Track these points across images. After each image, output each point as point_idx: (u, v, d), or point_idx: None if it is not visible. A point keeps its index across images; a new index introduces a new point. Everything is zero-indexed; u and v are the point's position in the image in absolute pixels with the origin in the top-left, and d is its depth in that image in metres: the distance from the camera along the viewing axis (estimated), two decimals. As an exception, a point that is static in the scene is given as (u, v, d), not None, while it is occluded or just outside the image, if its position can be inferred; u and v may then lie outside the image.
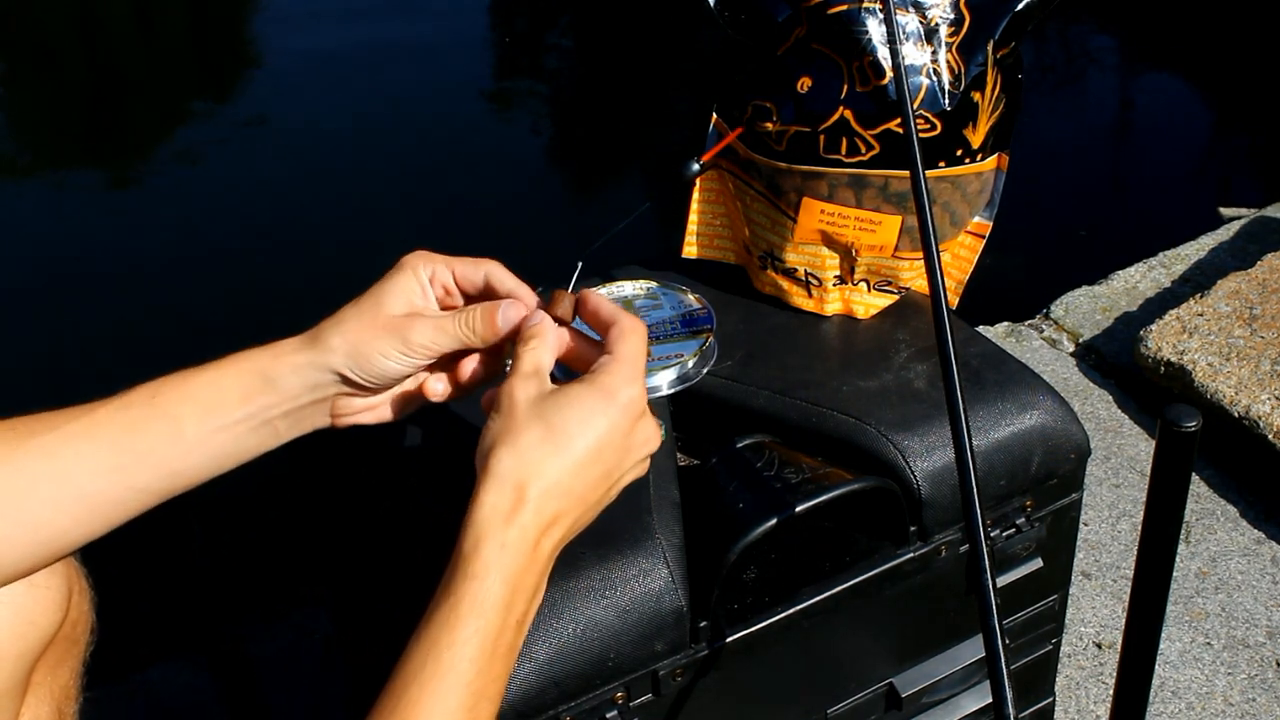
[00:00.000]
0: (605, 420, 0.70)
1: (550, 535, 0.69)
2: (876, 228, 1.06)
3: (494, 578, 0.66)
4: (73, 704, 0.88)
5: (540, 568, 0.69)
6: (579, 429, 0.69)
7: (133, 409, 0.74)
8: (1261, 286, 1.92)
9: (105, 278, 2.84)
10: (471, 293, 0.83)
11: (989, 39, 1.03)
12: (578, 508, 0.70)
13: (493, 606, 0.66)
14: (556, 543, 0.70)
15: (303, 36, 4.18)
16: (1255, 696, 1.43)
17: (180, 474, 0.75)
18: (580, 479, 0.70)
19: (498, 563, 0.67)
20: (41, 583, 0.79)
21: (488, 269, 0.83)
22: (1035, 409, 1.03)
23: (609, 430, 0.70)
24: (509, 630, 0.67)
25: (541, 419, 0.70)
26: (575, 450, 0.69)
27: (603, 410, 0.70)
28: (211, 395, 0.75)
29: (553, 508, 0.69)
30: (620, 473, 0.72)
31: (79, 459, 0.72)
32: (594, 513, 0.72)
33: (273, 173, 3.31)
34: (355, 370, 0.77)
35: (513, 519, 0.68)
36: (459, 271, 0.82)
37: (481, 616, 0.66)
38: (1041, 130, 3.27)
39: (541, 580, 0.70)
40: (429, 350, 0.78)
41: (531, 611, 0.69)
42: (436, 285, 0.82)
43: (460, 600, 0.66)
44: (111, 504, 0.73)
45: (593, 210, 3.22)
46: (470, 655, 0.65)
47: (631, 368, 0.72)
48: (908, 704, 1.07)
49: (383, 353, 0.76)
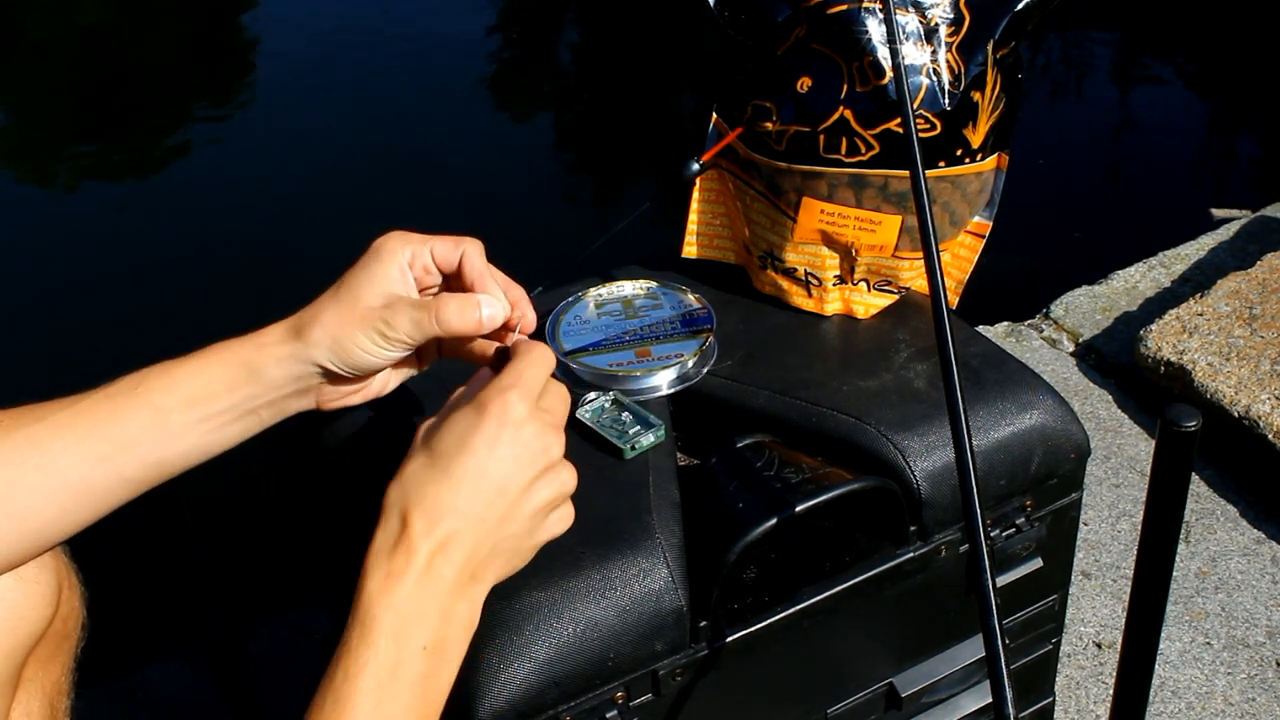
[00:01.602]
0: (478, 435, 0.70)
1: (447, 556, 0.68)
2: (876, 228, 1.06)
3: (381, 606, 0.66)
4: (65, 700, 0.88)
5: (441, 592, 0.68)
6: (455, 447, 0.69)
7: (117, 399, 0.74)
8: (1261, 286, 1.92)
9: (104, 277, 2.85)
10: (448, 273, 0.83)
11: (989, 39, 1.03)
12: (476, 526, 0.69)
13: (379, 637, 0.66)
14: (461, 565, 0.69)
15: (302, 33, 4.18)
16: (1255, 696, 1.43)
17: (165, 463, 0.76)
18: (467, 495, 0.69)
19: (383, 591, 0.67)
20: (30, 577, 0.80)
21: (464, 250, 0.82)
22: (1035, 409, 1.03)
23: (484, 441, 0.69)
24: (412, 659, 0.66)
25: (426, 446, 0.71)
26: (455, 468, 0.69)
27: (474, 424, 0.70)
28: (196, 386, 0.75)
29: (443, 529, 0.68)
30: (517, 484, 0.70)
31: (65, 449, 0.72)
32: (508, 529, 0.71)
33: (271, 170, 3.31)
34: (336, 363, 0.77)
35: (398, 547, 0.68)
36: (437, 251, 0.82)
37: (370, 647, 0.66)
38: (1042, 130, 3.27)
39: (453, 604, 0.69)
40: (406, 343, 0.78)
41: (451, 636, 0.68)
42: (416, 266, 0.82)
43: (350, 633, 0.66)
44: (98, 493, 0.74)
45: (593, 210, 3.22)
46: (369, 686, 0.65)
47: (511, 377, 0.72)
48: (908, 704, 1.07)
49: (362, 346, 0.77)
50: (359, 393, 0.82)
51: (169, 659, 1.52)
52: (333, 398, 0.81)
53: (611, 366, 1.03)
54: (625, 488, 0.94)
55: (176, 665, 1.51)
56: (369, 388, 0.83)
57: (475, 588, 0.70)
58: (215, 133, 3.65)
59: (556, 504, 0.73)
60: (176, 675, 1.50)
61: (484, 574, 0.71)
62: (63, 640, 0.87)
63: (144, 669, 1.51)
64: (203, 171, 3.37)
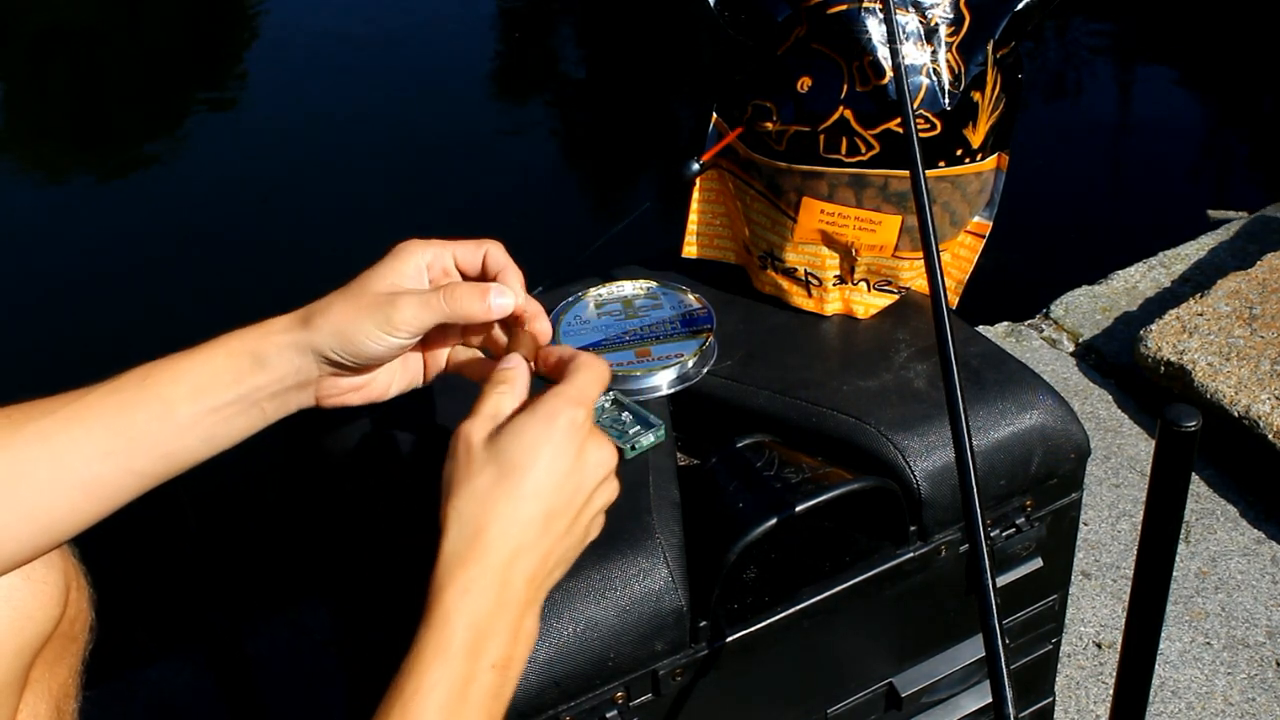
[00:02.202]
0: (550, 447, 0.70)
1: (517, 570, 0.68)
2: (876, 227, 1.06)
3: (456, 623, 0.66)
4: (72, 701, 0.88)
5: (514, 607, 0.68)
6: (527, 459, 0.69)
7: (125, 391, 0.74)
8: (1261, 286, 1.92)
9: (103, 278, 2.85)
10: (473, 275, 0.83)
11: (989, 39, 1.03)
12: (544, 539, 0.70)
13: (457, 653, 0.66)
14: (529, 578, 0.69)
15: (302, 31, 4.18)
16: (1255, 696, 1.43)
17: (173, 456, 0.75)
18: (538, 508, 0.69)
19: (459, 607, 0.67)
20: (39, 577, 0.79)
21: (486, 249, 0.83)
22: (1035, 409, 1.03)
23: (554, 455, 0.70)
24: (483, 675, 0.66)
25: (493, 459, 0.70)
26: (527, 483, 0.69)
27: (546, 436, 0.70)
28: (203, 376, 0.75)
29: (514, 543, 0.68)
30: (582, 496, 0.71)
31: (74, 443, 0.72)
32: (567, 541, 0.71)
33: (272, 170, 3.31)
34: (339, 351, 0.77)
35: (474, 562, 0.68)
36: (460, 254, 0.82)
37: (446, 664, 0.65)
38: (1042, 130, 3.27)
39: (521, 620, 0.69)
40: (411, 328, 0.77)
41: (517, 654, 0.69)
42: (435, 269, 0.82)
43: (424, 648, 0.66)
44: (107, 488, 0.73)
45: (593, 210, 3.22)
46: (438, 703, 0.65)
47: (576, 391, 0.72)
48: (908, 704, 1.07)
49: (365, 333, 0.76)
50: (359, 391, 0.82)
51: (170, 658, 1.52)
52: (333, 393, 0.80)
53: (611, 366, 1.03)
54: (625, 488, 0.94)
55: (177, 665, 1.51)
56: (369, 388, 0.82)
57: (539, 602, 0.71)
58: (214, 134, 3.65)
59: (602, 512, 0.74)
60: (177, 675, 1.50)
61: (547, 586, 0.71)
62: (70, 642, 0.87)
63: (145, 668, 1.51)
64: (202, 170, 3.37)
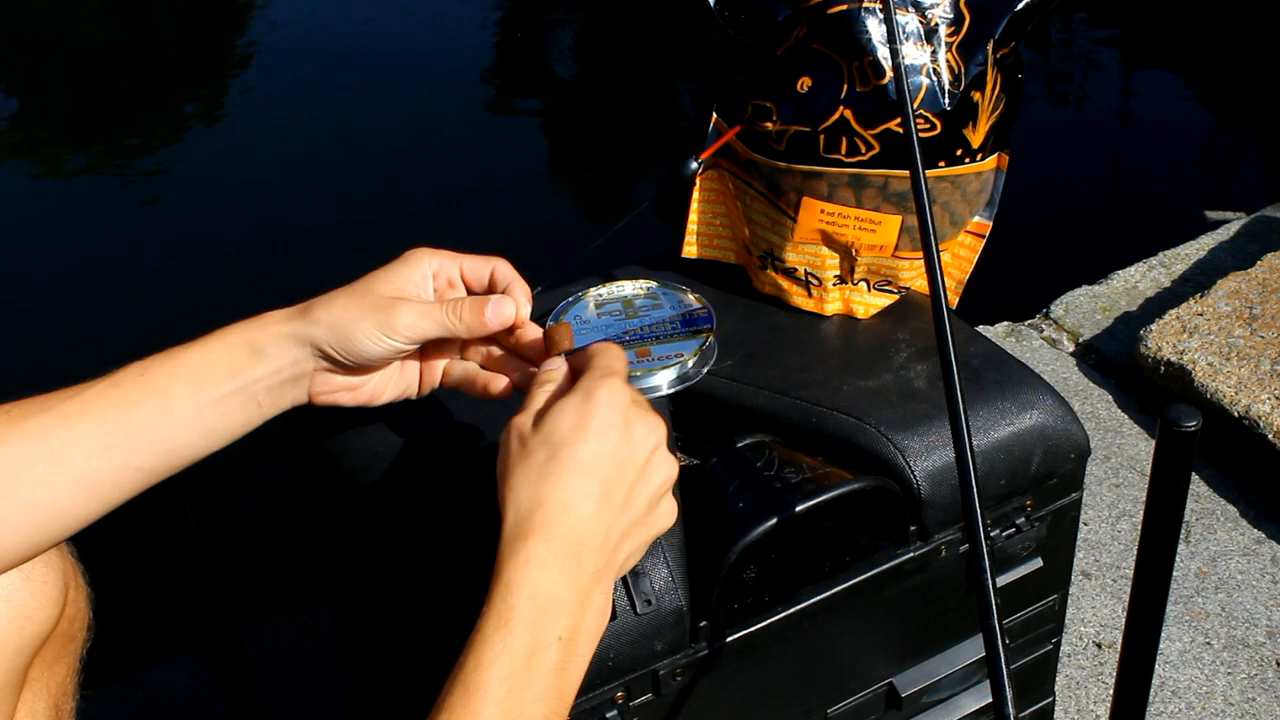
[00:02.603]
0: (595, 420, 0.70)
1: (584, 544, 0.68)
2: (876, 227, 1.06)
3: (518, 594, 0.66)
4: (70, 701, 0.88)
5: (578, 579, 0.68)
6: (574, 435, 0.70)
7: (123, 386, 0.74)
8: (1261, 286, 1.92)
9: (102, 277, 2.85)
10: (479, 290, 0.84)
11: (989, 39, 1.03)
12: (604, 511, 0.70)
13: (520, 624, 0.65)
14: (597, 552, 0.69)
15: (301, 33, 4.18)
16: (1255, 696, 1.43)
17: (173, 451, 0.75)
18: (593, 480, 0.69)
19: (520, 579, 0.66)
20: (37, 577, 0.80)
21: (494, 266, 0.83)
22: (1035, 409, 1.03)
23: (601, 427, 0.70)
24: (548, 648, 0.66)
25: (543, 442, 0.70)
26: (579, 455, 0.69)
27: (590, 411, 0.70)
28: (200, 369, 0.75)
29: (572, 515, 0.68)
30: (635, 467, 0.71)
31: (73, 438, 0.72)
32: (629, 514, 0.71)
33: (269, 172, 3.31)
34: (335, 346, 0.77)
35: (533, 536, 0.68)
36: (467, 267, 0.83)
37: (508, 635, 0.65)
38: (1042, 130, 3.27)
39: (589, 593, 0.68)
40: (410, 335, 0.78)
41: (585, 627, 0.68)
42: (440, 279, 0.82)
43: (486, 622, 0.66)
44: (107, 484, 0.74)
45: (593, 210, 3.22)
46: (500, 674, 0.64)
47: (604, 368, 0.73)
48: (908, 704, 1.07)
49: (364, 332, 0.77)
50: (352, 392, 0.82)
51: (170, 659, 1.52)
52: (326, 390, 0.80)
53: None
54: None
55: (177, 665, 1.51)
56: (362, 390, 0.82)
57: (608, 578, 0.70)
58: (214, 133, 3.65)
59: (665, 490, 0.74)
60: (177, 675, 1.50)
61: (616, 561, 0.71)
62: (68, 641, 0.87)
63: (145, 669, 1.51)
64: (201, 170, 3.37)
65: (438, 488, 0.97)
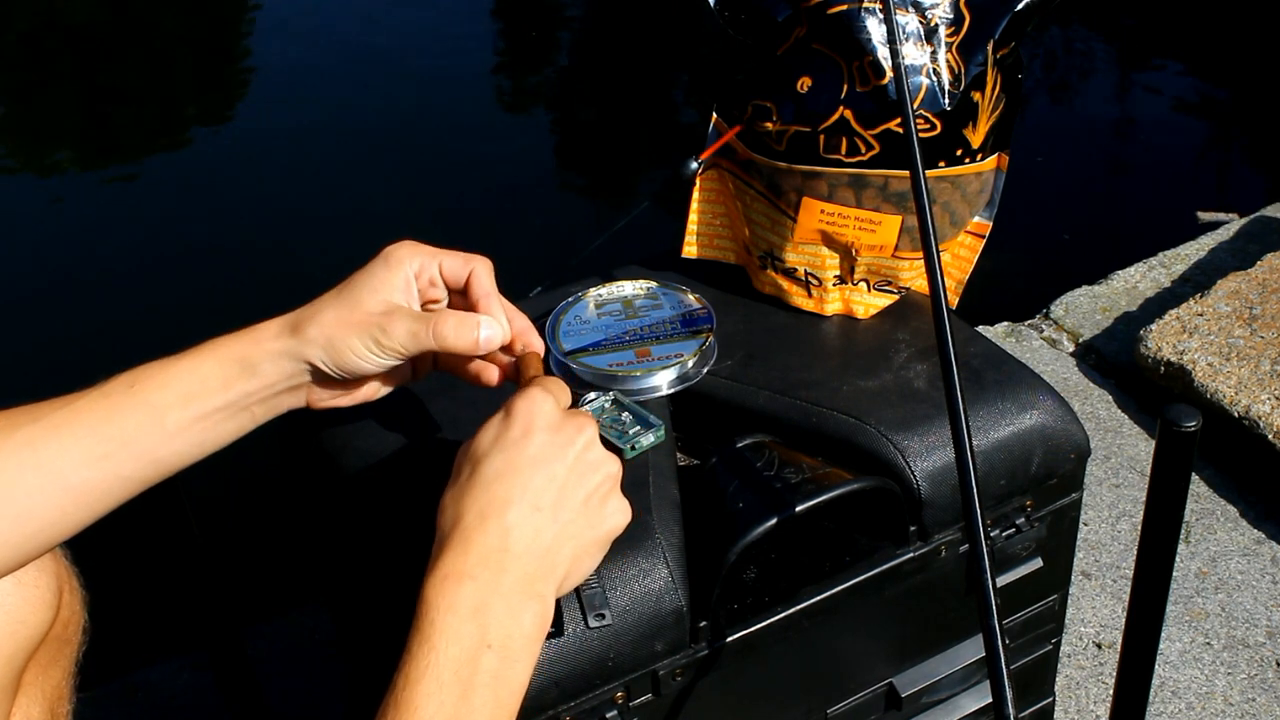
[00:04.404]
0: (512, 430, 0.73)
1: (509, 551, 0.69)
2: (876, 228, 1.06)
3: (437, 609, 0.67)
4: (65, 704, 0.88)
5: (506, 587, 0.68)
6: (492, 448, 0.73)
7: (113, 397, 0.74)
8: (1261, 286, 1.92)
9: (101, 278, 2.84)
10: (455, 289, 0.84)
11: (989, 39, 1.03)
12: (532, 516, 0.70)
13: (442, 637, 0.67)
14: (524, 558, 0.70)
15: (301, 33, 4.18)
16: (1255, 696, 1.43)
17: (162, 461, 0.76)
18: (516, 486, 0.71)
19: (438, 595, 0.68)
20: (30, 581, 0.79)
21: (473, 268, 0.83)
22: (1035, 409, 1.03)
23: (519, 433, 0.72)
24: (478, 658, 0.67)
25: (469, 459, 0.73)
26: (497, 465, 0.71)
27: (505, 424, 0.73)
28: (192, 383, 0.76)
29: (499, 525, 0.70)
30: (564, 466, 0.72)
31: (62, 449, 0.72)
32: (566, 515, 0.72)
33: (269, 171, 3.31)
34: (329, 364, 0.78)
35: (453, 548, 0.69)
36: (446, 265, 0.83)
37: (432, 650, 0.66)
38: (1042, 130, 3.27)
39: (522, 601, 0.69)
40: (400, 352, 0.79)
41: (520, 635, 0.69)
42: (423, 278, 0.82)
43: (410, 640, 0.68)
44: (96, 493, 0.74)
45: (593, 210, 3.22)
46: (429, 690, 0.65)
47: (525, 389, 0.76)
48: (908, 704, 1.07)
49: (354, 350, 0.77)
50: (349, 395, 0.83)
51: (169, 659, 1.52)
52: (323, 397, 0.81)
53: (611, 366, 1.03)
54: (625, 488, 0.94)
55: (177, 665, 1.51)
56: (359, 391, 0.83)
57: (544, 583, 0.70)
58: (212, 134, 3.65)
59: (607, 490, 0.74)
60: (177, 675, 1.50)
61: (555, 564, 0.71)
62: (63, 645, 0.87)
63: (144, 669, 1.51)
64: (201, 170, 3.37)
65: (437, 486, 0.97)
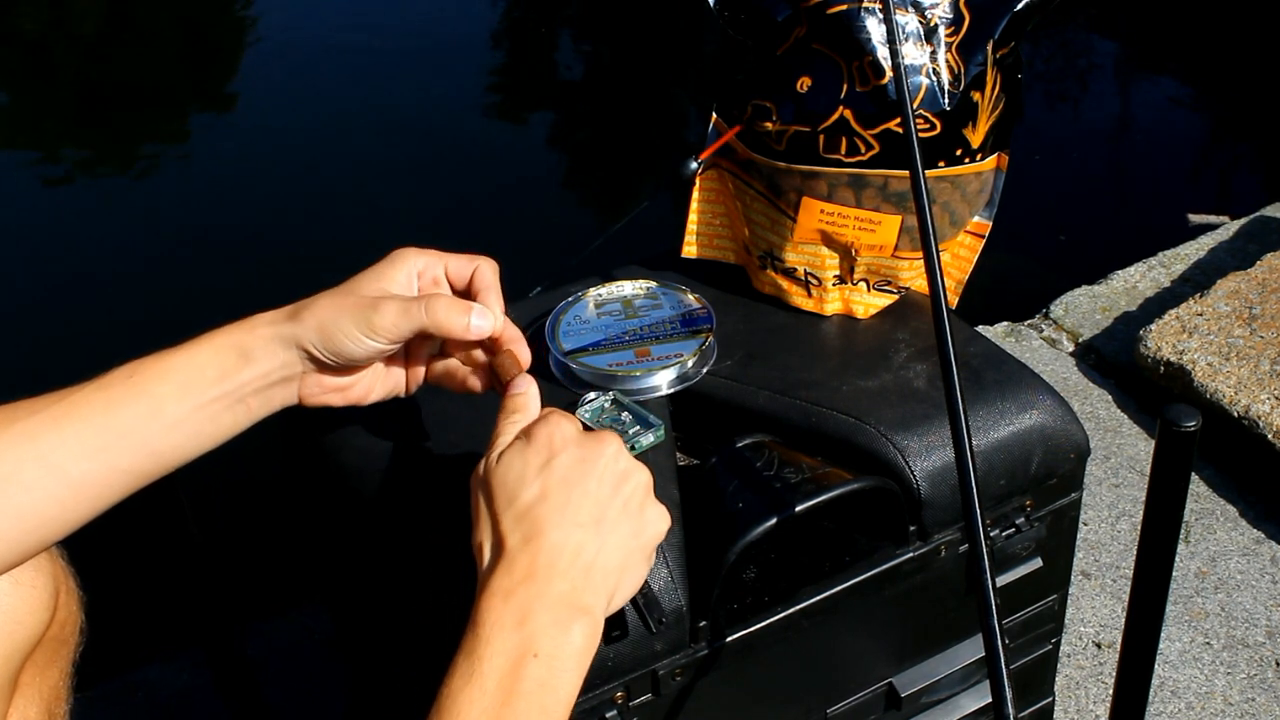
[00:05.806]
0: (539, 456, 0.73)
1: (556, 567, 0.70)
2: (876, 227, 1.06)
3: (485, 625, 0.68)
4: (63, 704, 0.88)
5: (554, 600, 0.69)
6: (523, 475, 0.72)
7: (112, 389, 0.74)
8: (1261, 286, 1.92)
9: (101, 276, 2.84)
10: (462, 289, 0.84)
11: (989, 39, 1.03)
12: (573, 531, 0.71)
13: (487, 646, 0.67)
14: (571, 572, 0.70)
15: (301, 33, 4.18)
16: (1255, 696, 1.43)
17: (162, 454, 0.76)
18: (555, 506, 0.71)
19: (486, 610, 0.68)
20: (27, 581, 0.79)
21: (477, 266, 0.84)
22: (1035, 409, 1.03)
23: (544, 462, 0.73)
24: (524, 668, 0.67)
25: (498, 486, 0.73)
26: (532, 489, 0.71)
27: (530, 449, 0.74)
28: (189, 372, 0.76)
29: (545, 542, 0.70)
30: (598, 480, 0.73)
31: (62, 442, 0.72)
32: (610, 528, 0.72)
33: (269, 171, 3.30)
34: (320, 347, 0.78)
35: (499, 572, 0.70)
36: (452, 266, 0.84)
37: (479, 660, 0.67)
38: (1042, 130, 3.27)
39: (570, 614, 0.69)
40: (391, 334, 0.78)
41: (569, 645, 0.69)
42: (425, 278, 0.83)
43: (458, 654, 0.68)
44: (96, 486, 0.73)
45: (593, 210, 3.22)
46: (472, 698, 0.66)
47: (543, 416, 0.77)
48: (907, 704, 1.07)
49: (345, 332, 0.77)
50: (342, 392, 0.83)
51: (169, 659, 1.52)
52: (315, 392, 0.81)
53: (611, 366, 1.03)
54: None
55: (176, 665, 1.51)
56: (351, 391, 0.83)
57: (591, 596, 0.70)
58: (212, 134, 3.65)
59: (642, 498, 0.74)
60: (176, 675, 1.50)
61: (601, 582, 0.71)
62: (60, 645, 0.87)
63: (144, 669, 1.50)
64: (200, 170, 3.37)
65: (436, 484, 0.97)
